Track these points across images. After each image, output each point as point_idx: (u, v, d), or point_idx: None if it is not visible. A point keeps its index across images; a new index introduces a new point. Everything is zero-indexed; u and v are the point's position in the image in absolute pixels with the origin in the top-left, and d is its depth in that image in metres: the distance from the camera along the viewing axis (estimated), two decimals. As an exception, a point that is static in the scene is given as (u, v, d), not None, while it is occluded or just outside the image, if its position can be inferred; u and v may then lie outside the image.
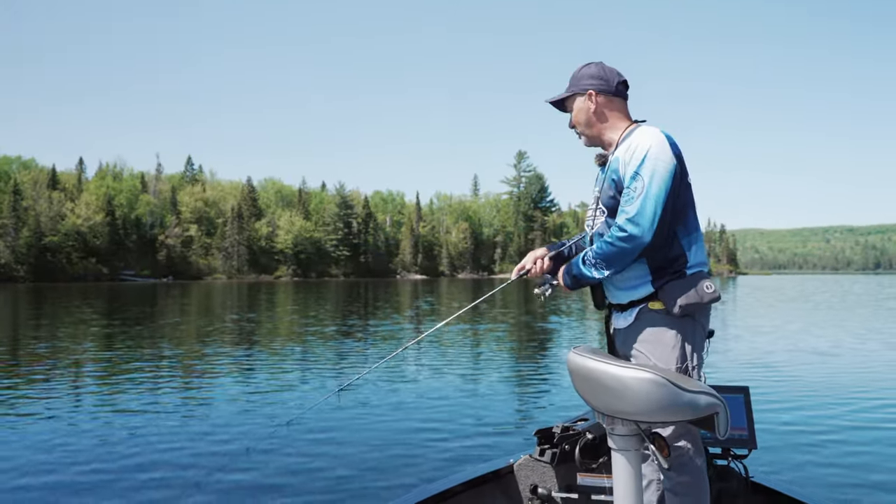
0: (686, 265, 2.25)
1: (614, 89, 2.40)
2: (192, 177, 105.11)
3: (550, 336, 14.76)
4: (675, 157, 2.22)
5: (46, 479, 4.43)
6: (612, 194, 2.31)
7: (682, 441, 2.21)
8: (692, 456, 2.23)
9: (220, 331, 15.50)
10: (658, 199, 2.16)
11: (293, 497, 4.04)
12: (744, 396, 2.73)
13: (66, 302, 29.40)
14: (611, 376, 1.86)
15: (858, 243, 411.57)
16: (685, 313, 2.21)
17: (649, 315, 2.26)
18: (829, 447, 5.15)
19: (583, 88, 2.41)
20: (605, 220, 2.37)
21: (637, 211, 2.16)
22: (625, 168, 2.24)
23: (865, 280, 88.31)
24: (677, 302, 2.20)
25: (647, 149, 2.20)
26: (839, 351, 11.33)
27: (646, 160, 2.19)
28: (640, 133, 2.29)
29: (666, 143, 2.23)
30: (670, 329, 2.23)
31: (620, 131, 2.39)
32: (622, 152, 2.28)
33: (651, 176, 2.17)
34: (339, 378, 8.04)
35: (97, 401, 7.09)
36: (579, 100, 2.43)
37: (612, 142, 2.41)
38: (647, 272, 2.26)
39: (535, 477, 2.85)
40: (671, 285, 2.22)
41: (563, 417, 2.99)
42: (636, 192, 2.18)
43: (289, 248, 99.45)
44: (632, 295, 2.30)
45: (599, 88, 2.39)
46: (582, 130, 2.46)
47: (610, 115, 2.41)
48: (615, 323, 2.40)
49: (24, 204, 76.23)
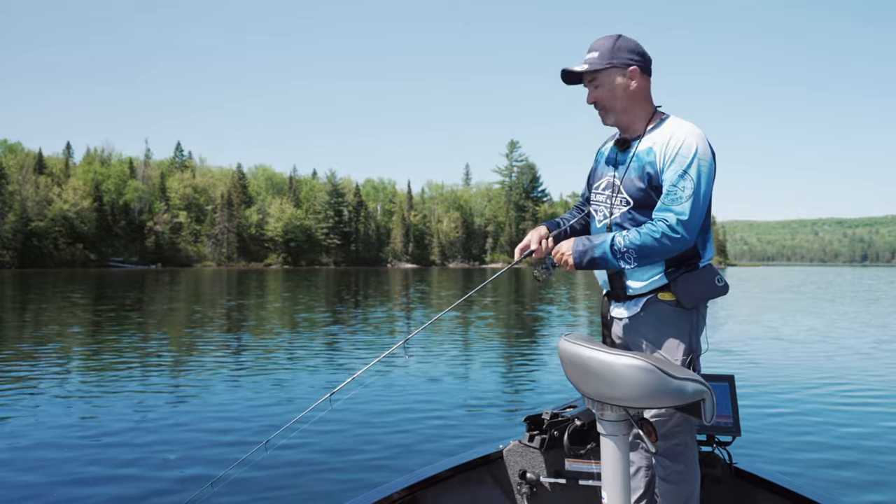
0: (700, 259, 2.22)
1: (650, 69, 2.24)
2: (182, 163, 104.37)
3: (539, 324, 14.82)
4: (713, 155, 2.16)
5: (36, 468, 4.42)
6: (641, 186, 2.18)
7: (681, 431, 2.22)
8: (689, 446, 2.26)
9: (212, 318, 15.46)
10: (705, 202, 2.12)
11: (280, 482, 4.07)
12: (729, 385, 2.76)
13: (54, 288, 29.20)
14: (601, 363, 1.89)
15: (846, 235, 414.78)
16: (694, 305, 2.19)
17: (658, 306, 2.21)
18: (811, 434, 5.23)
19: (624, 62, 2.18)
20: (629, 211, 2.23)
21: (690, 213, 2.08)
22: (664, 163, 2.13)
23: (850, 272, 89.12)
24: (691, 294, 2.17)
25: (695, 147, 2.11)
26: (820, 339, 11.47)
27: (694, 160, 2.09)
28: (677, 126, 2.18)
29: (706, 140, 2.16)
30: (677, 321, 2.20)
31: (648, 116, 2.24)
32: (658, 144, 2.16)
33: (699, 177, 2.09)
34: (333, 377, 8.02)
35: (87, 389, 7.08)
36: (618, 76, 2.19)
37: (636, 125, 2.24)
38: (662, 265, 2.20)
39: (523, 462, 2.88)
40: (685, 278, 2.18)
41: (552, 404, 3.02)
42: (685, 193, 2.08)
43: (279, 235, 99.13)
44: (644, 287, 2.23)
45: (642, 66, 2.20)
46: (612, 108, 2.23)
47: (644, 97, 2.23)
48: (614, 311, 2.33)
49: (9, 189, 75.45)
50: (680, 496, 2.25)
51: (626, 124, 2.26)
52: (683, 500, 2.25)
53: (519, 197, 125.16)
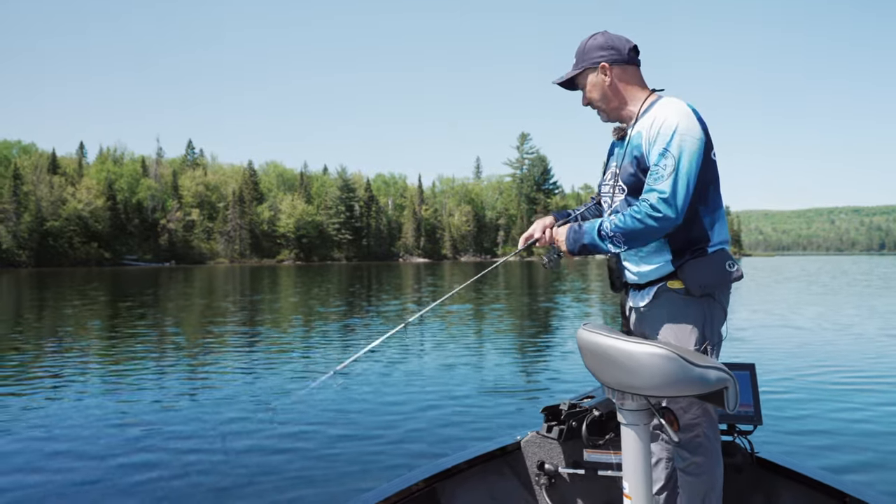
0: (708, 244, 2.15)
1: (627, 57, 2.25)
2: (194, 161, 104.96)
3: (555, 314, 14.79)
4: (702, 131, 2.11)
5: (54, 464, 4.46)
6: (632, 171, 2.19)
7: (700, 423, 2.18)
8: (709, 437, 2.20)
9: (228, 314, 15.55)
10: (690, 178, 2.06)
11: (295, 474, 4.07)
12: (750, 373, 2.73)
13: (70, 286, 29.48)
14: (621, 352, 1.86)
15: (864, 224, 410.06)
16: (705, 293, 2.13)
17: (668, 295, 2.18)
18: (833, 423, 5.17)
19: (594, 62, 2.25)
20: (626, 198, 2.25)
21: (671, 191, 2.04)
22: (649, 144, 2.12)
23: (867, 260, 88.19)
24: (698, 281, 2.12)
25: (675, 124, 2.08)
26: (838, 327, 11.36)
27: (675, 136, 2.06)
28: (663, 106, 2.16)
29: (693, 116, 2.11)
30: (689, 309, 2.15)
31: (640, 102, 2.24)
32: (644, 127, 2.16)
33: (681, 153, 2.05)
34: (343, 355, 8.05)
35: (106, 385, 7.13)
36: (591, 75, 2.26)
37: (631, 114, 2.25)
38: (668, 251, 2.17)
39: (542, 453, 2.87)
40: (692, 264, 2.13)
41: (569, 394, 3.00)
42: (666, 171, 2.06)
43: (291, 231, 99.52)
44: (650, 274, 2.22)
45: (612, 59, 2.23)
46: (599, 107, 2.30)
47: (627, 86, 2.25)
48: (632, 301, 2.32)
49: (24, 189, 76.19)
50: (700, 488, 2.21)
51: (619, 116, 2.30)
52: (704, 493, 2.21)
53: (530, 189, 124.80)
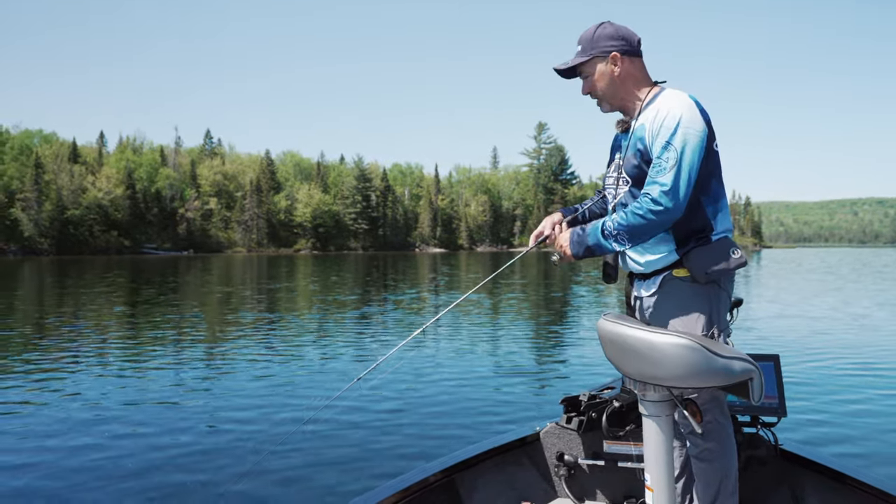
0: (712, 232, 2.18)
1: (636, 49, 2.26)
2: (212, 150, 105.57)
3: (572, 306, 14.76)
4: (705, 123, 2.12)
5: (76, 454, 4.51)
6: (636, 163, 2.20)
7: (709, 408, 2.19)
8: (720, 423, 2.21)
9: (254, 301, 15.68)
10: (691, 171, 2.08)
11: (312, 464, 4.10)
12: (774, 364, 2.70)
13: (92, 274, 29.87)
14: (643, 342, 1.85)
15: (888, 215, 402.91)
16: (710, 280, 2.15)
17: (673, 283, 2.20)
18: (859, 415, 5.12)
19: (604, 51, 2.23)
20: (630, 190, 2.27)
21: (672, 183, 2.06)
22: (652, 137, 2.13)
23: (891, 252, 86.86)
24: (703, 268, 2.13)
25: (678, 117, 2.09)
26: (862, 319, 11.21)
27: (678, 129, 2.07)
28: (666, 98, 2.17)
29: (696, 108, 2.12)
30: (695, 297, 2.17)
31: (644, 94, 2.25)
32: (648, 119, 2.17)
33: (683, 146, 2.07)
34: (365, 358, 8.08)
35: (128, 374, 7.22)
36: (601, 64, 2.24)
37: (635, 106, 2.26)
38: (672, 240, 2.19)
39: (561, 444, 2.86)
40: (696, 252, 2.15)
41: (589, 386, 2.99)
42: (668, 164, 2.07)
43: (308, 221, 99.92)
44: (655, 264, 2.23)
45: (623, 50, 2.23)
46: (603, 97, 2.29)
47: (634, 78, 2.25)
48: (636, 291, 2.34)
49: (45, 178, 77.10)
50: (715, 474, 2.22)
51: (622, 108, 2.31)
52: (720, 478, 2.22)
53: (547, 180, 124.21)
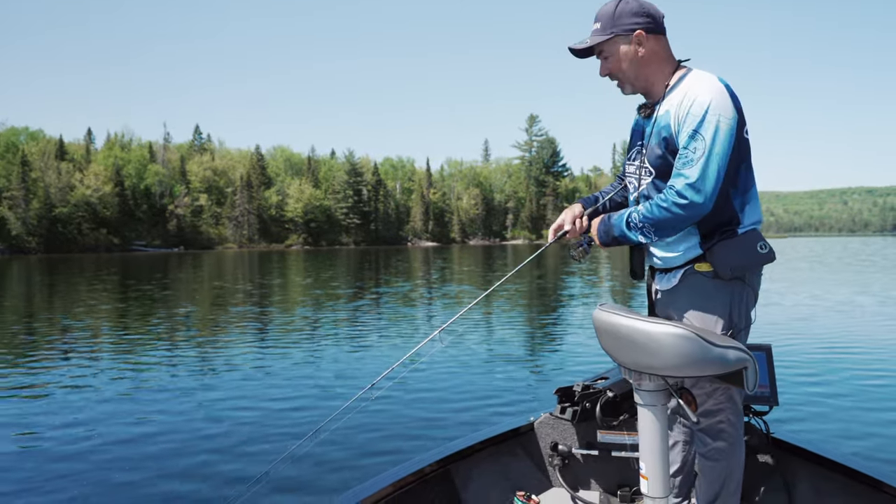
0: (739, 225, 2.04)
1: (661, 26, 2.09)
2: (201, 146, 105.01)
3: (568, 297, 14.79)
4: (735, 110, 1.96)
5: (72, 452, 4.48)
6: (660, 153, 2.06)
7: (724, 408, 2.13)
8: (732, 424, 2.14)
9: (249, 297, 15.61)
10: (721, 162, 1.92)
11: (310, 456, 4.09)
12: (766, 354, 2.71)
13: (80, 273, 29.67)
14: (638, 332, 1.84)
15: (877, 204, 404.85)
16: (735, 275, 2.02)
17: (695, 277, 2.07)
18: (848, 403, 5.15)
19: (627, 29, 2.06)
20: (653, 181, 2.12)
21: (699, 176, 1.92)
22: (678, 124, 1.99)
23: (881, 241, 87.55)
24: (728, 263, 2.00)
25: (706, 103, 1.93)
26: (853, 309, 11.31)
27: (706, 117, 1.92)
28: (694, 81, 2.02)
29: (726, 93, 1.96)
30: (718, 293, 2.05)
31: (668, 76, 2.10)
32: (673, 105, 2.02)
33: (714, 135, 1.91)
34: (374, 361, 8.03)
35: (121, 372, 7.18)
36: (623, 44, 2.08)
37: (657, 90, 2.11)
38: (696, 233, 2.06)
39: (555, 434, 2.87)
40: (721, 245, 2.01)
41: (583, 376, 2.99)
42: (696, 154, 1.92)
43: (299, 216, 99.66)
44: (678, 259, 2.10)
45: (648, 27, 2.06)
46: (626, 79, 2.13)
47: (659, 58, 2.09)
48: (658, 284, 2.21)
49: (32, 175, 76.53)
50: (720, 473, 2.17)
51: (644, 90, 2.15)
52: (724, 478, 2.17)
53: (539, 172, 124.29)
